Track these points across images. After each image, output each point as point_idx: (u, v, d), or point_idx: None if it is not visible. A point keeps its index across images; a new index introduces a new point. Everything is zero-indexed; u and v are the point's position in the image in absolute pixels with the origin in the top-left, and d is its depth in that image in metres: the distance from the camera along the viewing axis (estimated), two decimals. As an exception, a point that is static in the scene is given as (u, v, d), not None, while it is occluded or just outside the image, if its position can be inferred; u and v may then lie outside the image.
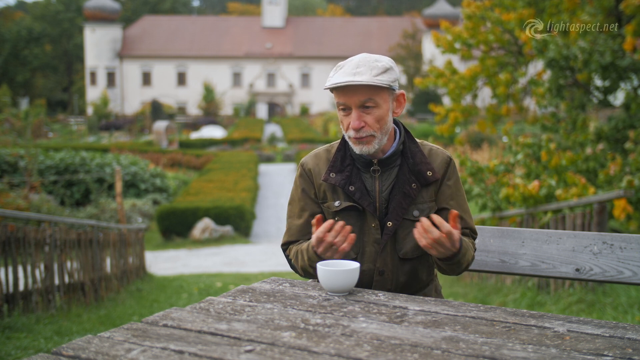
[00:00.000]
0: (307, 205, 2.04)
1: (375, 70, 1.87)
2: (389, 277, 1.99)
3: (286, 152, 30.02)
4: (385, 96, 1.91)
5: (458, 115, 10.65)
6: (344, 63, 1.92)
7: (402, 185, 1.96)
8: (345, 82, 1.85)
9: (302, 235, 2.04)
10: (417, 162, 1.97)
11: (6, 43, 57.96)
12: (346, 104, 1.90)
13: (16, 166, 15.94)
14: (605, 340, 1.39)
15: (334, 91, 1.93)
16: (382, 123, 1.91)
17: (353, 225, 1.98)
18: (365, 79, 1.84)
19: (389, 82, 1.88)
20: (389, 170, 1.99)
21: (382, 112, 1.91)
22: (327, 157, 2.04)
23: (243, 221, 15.73)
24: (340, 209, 1.98)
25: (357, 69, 1.87)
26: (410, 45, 49.98)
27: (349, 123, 1.92)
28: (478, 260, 2.26)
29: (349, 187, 1.96)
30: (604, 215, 5.42)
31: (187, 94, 55.17)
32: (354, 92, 1.88)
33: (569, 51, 7.77)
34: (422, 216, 1.96)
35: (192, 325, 1.42)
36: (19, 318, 5.22)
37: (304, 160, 2.08)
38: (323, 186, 2.01)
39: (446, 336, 1.39)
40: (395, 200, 1.95)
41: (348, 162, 1.99)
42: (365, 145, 1.92)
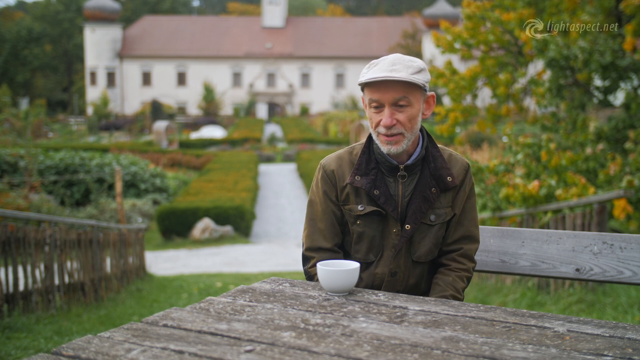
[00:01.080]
0: (328, 207, 2.01)
1: (411, 69, 1.86)
2: (400, 279, 1.99)
3: (286, 152, 30.02)
4: (418, 96, 1.90)
5: (458, 115, 10.64)
6: (378, 61, 1.90)
7: (422, 189, 1.95)
8: (383, 77, 1.83)
9: (325, 240, 2.01)
10: (438, 167, 1.97)
11: (6, 43, 57.94)
12: (380, 100, 1.88)
13: (16, 166, 15.94)
14: (605, 340, 1.39)
15: (365, 88, 1.91)
16: (413, 123, 1.90)
17: (375, 229, 1.97)
18: (402, 75, 1.84)
19: (424, 82, 1.88)
20: (412, 175, 1.98)
21: (414, 112, 1.90)
22: (349, 159, 2.01)
23: (243, 221, 15.73)
24: (363, 213, 1.96)
25: (394, 66, 1.86)
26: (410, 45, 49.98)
27: (379, 120, 1.90)
28: (478, 260, 2.26)
29: (374, 191, 1.94)
30: (604, 215, 5.41)
31: (187, 94, 55.16)
32: (389, 89, 1.86)
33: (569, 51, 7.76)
34: (438, 221, 1.97)
35: (192, 325, 1.42)
36: (19, 318, 5.22)
37: (325, 162, 2.04)
38: (347, 189, 1.99)
39: (446, 336, 1.39)
40: (415, 204, 1.95)
41: (373, 166, 1.97)
42: (394, 145, 1.90)
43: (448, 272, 2.00)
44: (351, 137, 31.24)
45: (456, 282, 1.97)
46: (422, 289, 2.04)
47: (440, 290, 1.96)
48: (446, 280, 1.98)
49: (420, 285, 2.03)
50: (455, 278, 1.98)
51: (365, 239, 1.99)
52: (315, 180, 2.05)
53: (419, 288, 2.03)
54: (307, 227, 2.05)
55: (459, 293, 1.97)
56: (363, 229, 1.98)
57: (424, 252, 1.98)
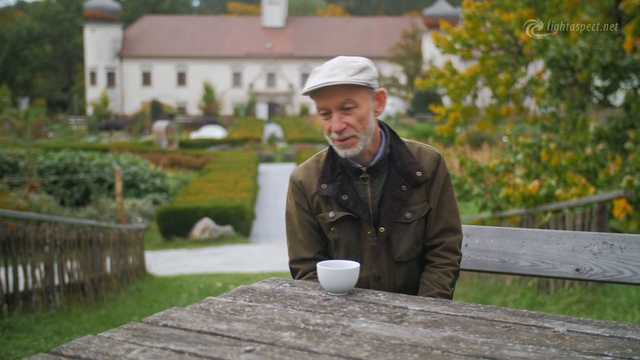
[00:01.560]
0: (303, 218, 2.02)
1: (351, 71, 1.85)
2: (386, 282, 1.98)
3: (286, 152, 30.03)
4: (364, 95, 1.89)
5: (458, 115, 10.64)
6: (320, 67, 1.89)
7: (392, 189, 1.94)
8: (322, 84, 1.82)
9: (307, 251, 2.02)
10: (406, 164, 1.95)
11: (6, 43, 57.95)
12: (326, 107, 1.88)
13: (16, 166, 15.94)
14: (605, 340, 1.39)
15: (313, 97, 1.90)
16: (364, 123, 1.89)
17: (349, 234, 1.97)
18: (341, 79, 1.82)
19: (366, 81, 1.86)
20: (379, 176, 1.96)
21: (363, 112, 1.88)
22: (316, 167, 2.01)
23: (243, 221, 15.73)
24: (335, 220, 1.97)
25: (333, 71, 1.85)
26: (410, 45, 49.95)
27: (330, 126, 1.90)
28: (478, 260, 2.26)
29: (342, 196, 1.94)
30: (604, 215, 5.42)
31: (187, 94, 55.16)
32: (331, 94, 1.85)
33: (569, 51, 7.76)
34: (414, 218, 1.96)
35: (192, 325, 1.42)
36: (19, 318, 5.22)
37: (293, 173, 2.05)
38: (316, 198, 1.99)
39: (446, 336, 1.39)
40: (387, 205, 1.94)
41: (338, 171, 1.97)
42: (350, 148, 1.89)
43: (433, 269, 1.98)
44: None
45: (442, 279, 1.96)
46: (412, 288, 2.02)
47: (426, 290, 1.95)
48: (431, 279, 1.97)
49: (409, 284, 2.02)
50: (441, 275, 1.97)
51: (342, 244, 1.99)
52: (288, 192, 2.07)
53: (407, 288, 2.02)
54: (288, 240, 2.07)
55: (445, 289, 1.95)
56: (338, 235, 1.98)
57: (405, 251, 1.97)
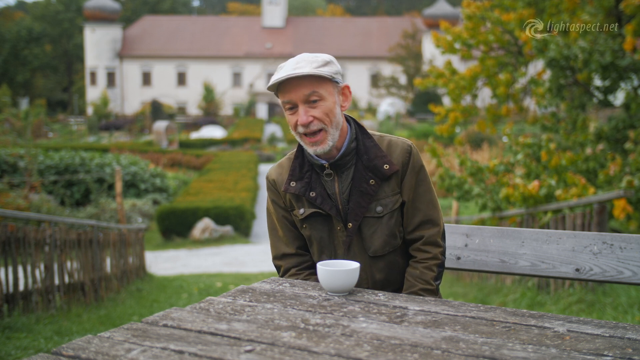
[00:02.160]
0: (280, 214, 2.05)
1: (315, 64, 1.86)
2: (363, 277, 1.97)
3: (286, 152, 30.02)
4: (329, 89, 1.89)
5: (458, 115, 10.64)
6: (284, 63, 1.90)
7: (359, 184, 1.94)
8: (286, 75, 1.82)
9: (287, 246, 2.04)
10: (372, 157, 1.94)
11: (6, 43, 57.93)
12: (291, 100, 1.88)
13: (16, 166, 15.94)
14: (605, 340, 1.39)
15: (279, 93, 1.90)
16: (331, 116, 1.89)
17: (321, 230, 1.98)
18: (306, 70, 1.83)
19: (331, 74, 1.87)
20: (346, 171, 1.96)
21: (329, 105, 1.89)
22: (289, 165, 2.03)
23: (243, 221, 15.73)
24: (305, 216, 1.98)
25: (297, 64, 1.86)
26: (410, 45, 49.94)
27: (296, 121, 1.89)
28: (478, 260, 2.26)
29: (310, 193, 1.95)
30: (604, 215, 5.41)
31: (187, 94, 55.15)
32: (297, 87, 1.86)
33: (569, 51, 7.76)
34: (386, 211, 1.95)
35: (192, 325, 1.42)
36: (19, 318, 5.22)
37: (268, 172, 2.08)
38: (288, 195, 2.01)
39: (446, 336, 1.39)
40: (354, 200, 1.94)
41: (307, 169, 1.98)
42: (320, 145, 1.89)
43: (415, 264, 1.98)
44: (351, 137, 31.19)
45: (424, 274, 1.95)
46: (396, 281, 2.01)
47: (409, 286, 1.95)
48: (414, 274, 1.96)
49: (390, 279, 2.00)
50: (423, 270, 1.96)
51: (314, 241, 2.00)
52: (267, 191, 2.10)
53: (392, 282, 2.00)
54: (270, 237, 2.10)
55: (429, 284, 1.94)
56: (310, 232, 2.00)
57: (380, 246, 1.96)
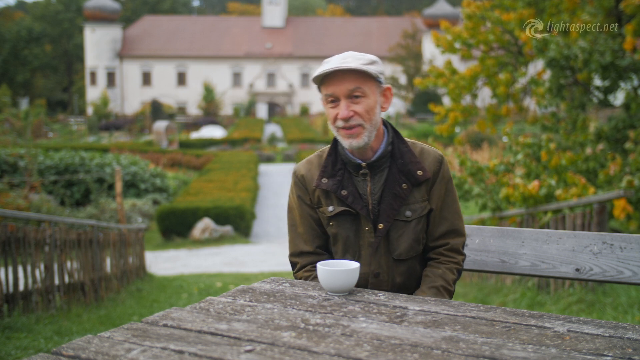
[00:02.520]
0: (304, 211, 2.04)
1: (362, 60, 1.88)
2: (385, 279, 1.99)
3: (286, 152, 30.02)
4: (373, 87, 1.90)
5: (458, 115, 10.64)
6: (330, 58, 1.92)
7: (392, 186, 1.95)
8: (334, 67, 1.84)
9: (306, 244, 2.03)
10: (407, 162, 1.96)
11: (6, 43, 57.93)
12: (334, 93, 1.89)
13: (16, 166, 15.94)
14: (605, 340, 1.39)
15: (321, 85, 1.92)
16: (371, 114, 1.90)
17: (348, 229, 1.98)
18: (354, 65, 1.85)
19: (377, 72, 1.89)
20: (379, 173, 1.97)
21: (371, 103, 1.90)
22: (319, 162, 2.03)
23: (243, 221, 15.73)
24: (334, 214, 1.98)
25: (344, 59, 1.88)
26: (410, 45, 49.95)
27: (336, 114, 1.90)
28: (478, 260, 2.26)
29: (341, 191, 1.95)
30: (604, 215, 5.41)
31: (187, 94, 55.15)
32: (342, 81, 1.87)
33: (569, 51, 7.76)
34: (415, 216, 1.96)
35: (192, 325, 1.42)
36: (19, 318, 5.22)
37: (296, 167, 2.08)
38: (317, 192, 2.01)
39: (446, 336, 1.39)
40: (386, 202, 1.95)
41: (339, 167, 1.98)
42: (355, 139, 1.90)
43: (437, 264, 2.00)
44: (351, 137, 31.17)
45: (446, 274, 1.97)
46: (412, 287, 2.03)
47: (430, 282, 1.96)
48: (436, 272, 1.98)
49: (408, 284, 2.02)
50: (445, 270, 1.98)
51: (340, 239, 2.00)
52: (291, 186, 2.09)
53: (406, 286, 2.02)
54: (289, 233, 2.09)
55: (449, 285, 1.96)
56: (336, 230, 1.99)
57: (404, 249, 1.98)
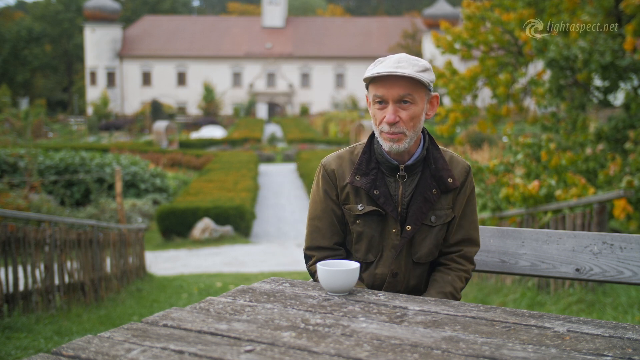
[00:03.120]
0: (328, 206, 2.01)
1: (416, 67, 1.87)
2: (401, 280, 1.99)
3: (286, 152, 30.01)
4: (422, 95, 1.90)
5: (458, 115, 10.64)
6: (384, 58, 1.91)
7: (423, 190, 1.95)
8: (389, 71, 1.83)
9: (324, 239, 2.02)
10: (439, 168, 1.96)
11: (6, 43, 57.92)
12: (384, 96, 1.88)
13: (16, 166, 15.94)
14: (605, 340, 1.39)
15: (371, 84, 1.91)
16: (415, 121, 1.90)
17: (374, 229, 1.97)
18: (408, 72, 1.84)
19: (429, 81, 1.88)
20: (412, 176, 1.97)
21: (418, 110, 1.89)
22: (350, 158, 2.01)
23: (243, 221, 15.72)
24: (363, 213, 1.97)
25: (399, 63, 1.86)
26: (410, 45, 49.95)
27: (383, 117, 1.89)
28: (478, 260, 2.26)
29: (374, 191, 1.94)
30: (604, 215, 5.41)
31: (187, 94, 55.14)
32: (394, 85, 1.86)
33: (569, 51, 7.76)
34: (439, 222, 1.97)
35: (192, 325, 1.42)
36: (19, 318, 5.22)
37: (326, 161, 2.04)
38: (347, 188, 1.99)
39: (446, 336, 1.39)
40: (416, 205, 1.95)
41: (373, 166, 1.97)
42: (397, 143, 1.89)
43: (447, 271, 2.01)
44: (351, 137, 31.23)
45: (455, 282, 1.98)
46: (422, 290, 2.05)
47: (439, 287, 1.96)
48: (445, 279, 1.98)
49: (421, 286, 2.04)
50: (455, 277, 1.99)
51: (365, 238, 1.99)
52: (316, 179, 2.06)
53: (419, 289, 2.04)
54: (307, 225, 2.07)
55: (457, 292, 1.97)
56: (362, 229, 1.98)
57: (425, 253, 1.99)
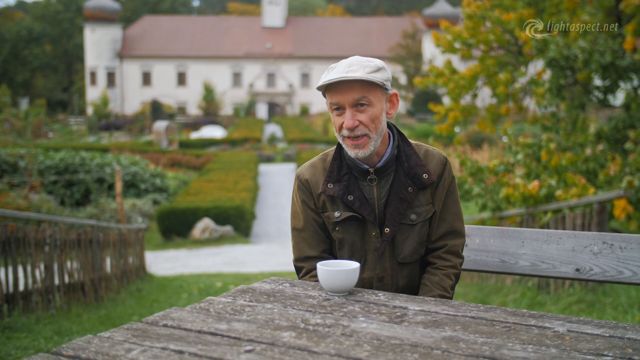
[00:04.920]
0: (309, 216, 2.01)
1: (367, 69, 1.85)
2: (389, 282, 1.99)
3: (286, 152, 30.01)
4: (378, 95, 1.89)
5: (458, 114, 10.64)
6: (335, 64, 1.90)
7: (398, 190, 1.94)
8: (339, 77, 1.82)
9: (311, 249, 2.01)
10: (413, 165, 1.95)
11: (6, 43, 57.92)
12: (339, 102, 1.87)
13: (16, 166, 15.93)
14: (605, 340, 1.39)
15: (327, 93, 1.90)
16: (376, 122, 1.88)
17: (354, 234, 1.97)
18: (358, 75, 1.82)
19: (382, 80, 1.87)
20: (386, 177, 1.96)
21: (376, 111, 1.88)
22: (323, 166, 2.01)
23: (243, 221, 15.73)
24: (340, 220, 1.96)
25: (350, 67, 1.85)
26: (410, 45, 49.94)
27: (342, 123, 1.89)
28: (478, 260, 2.26)
29: (348, 196, 1.94)
30: (604, 215, 5.41)
31: (187, 94, 55.15)
32: (347, 90, 1.85)
33: (569, 51, 7.76)
34: (420, 220, 1.96)
35: (192, 325, 1.42)
36: (19, 318, 5.22)
37: (299, 171, 2.04)
38: (322, 197, 1.98)
39: (446, 336, 1.39)
40: (392, 206, 1.94)
41: (345, 171, 1.96)
42: (361, 149, 1.88)
43: (435, 270, 1.99)
44: (351, 137, 31.16)
45: (443, 281, 1.97)
46: (414, 289, 2.04)
47: (427, 291, 1.96)
48: (433, 280, 1.97)
49: (412, 285, 2.03)
50: (442, 277, 1.97)
51: (346, 244, 1.99)
52: (294, 190, 2.06)
53: (410, 288, 2.03)
54: (292, 237, 2.07)
55: (446, 291, 1.96)
56: (342, 235, 1.98)
57: (409, 253, 1.97)
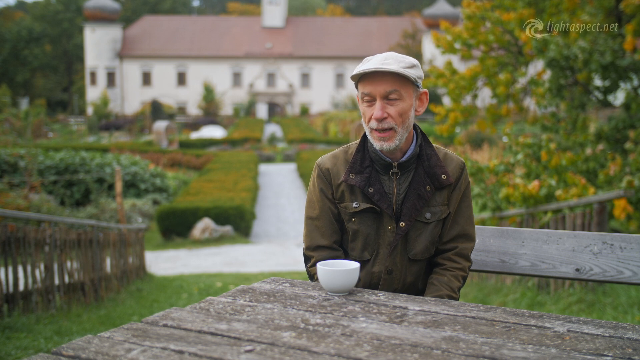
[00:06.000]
0: (325, 205, 2.03)
1: (402, 64, 1.89)
2: (397, 277, 2.00)
3: (286, 152, 30.01)
4: (409, 91, 1.92)
5: (458, 115, 10.64)
6: (371, 57, 1.94)
7: (417, 187, 1.97)
8: (374, 68, 1.86)
9: (323, 238, 2.03)
10: (433, 165, 1.98)
11: (6, 43, 57.92)
12: (371, 93, 1.91)
13: (16, 166, 15.93)
14: (605, 340, 1.39)
15: (359, 83, 1.94)
16: (404, 117, 1.92)
17: (369, 227, 1.99)
18: (393, 67, 1.86)
19: (415, 77, 1.91)
20: (406, 173, 1.99)
21: (406, 106, 1.92)
22: (344, 157, 2.04)
23: (243, 221, 15.73)
24: (358, 210, 1.98)
25: (386, 60, 1.89)
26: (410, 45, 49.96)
27: (371, 114, 1.92)
28: (478, 260, 2.26)
29: (368, 188, 1.96)
30: (604, 215, 5.41)
31: (187, 94, 55.15)
32: (380, 81, 1.89)
33: (569, 51, 7.76)
34: (434, 219, 1.99)
35: (192, 325, 1.42)
36: (19, 318, 5.22)
37: (320, 161, 2.07)
38: (342, 187, 2.01)
39: (446, 336, 1.39)
40: (410, 202, 1.96)
41: (367, 164, 1.99)
42: (387, 142, 1.92)
43: (443, 271, 2.01)
44: (351, 137, 31.23)
45: (451, 282, 1.99)
46: (419, 288, 2.05)
47: (435, 290, 1.97)
48: (441, 280, 1.99)
49: (418, 284, 2.04)
50: (451, 278, 1.99)
51: (360, 236, 2.00)
52: (312, 179, 2.08)
53: (416, 287, 2.04)
54: (305, 226, 2.08)
55: (454, 292, 1.98)
56: (358, 227, 2.00)
57: (420, 250, 1.99)
